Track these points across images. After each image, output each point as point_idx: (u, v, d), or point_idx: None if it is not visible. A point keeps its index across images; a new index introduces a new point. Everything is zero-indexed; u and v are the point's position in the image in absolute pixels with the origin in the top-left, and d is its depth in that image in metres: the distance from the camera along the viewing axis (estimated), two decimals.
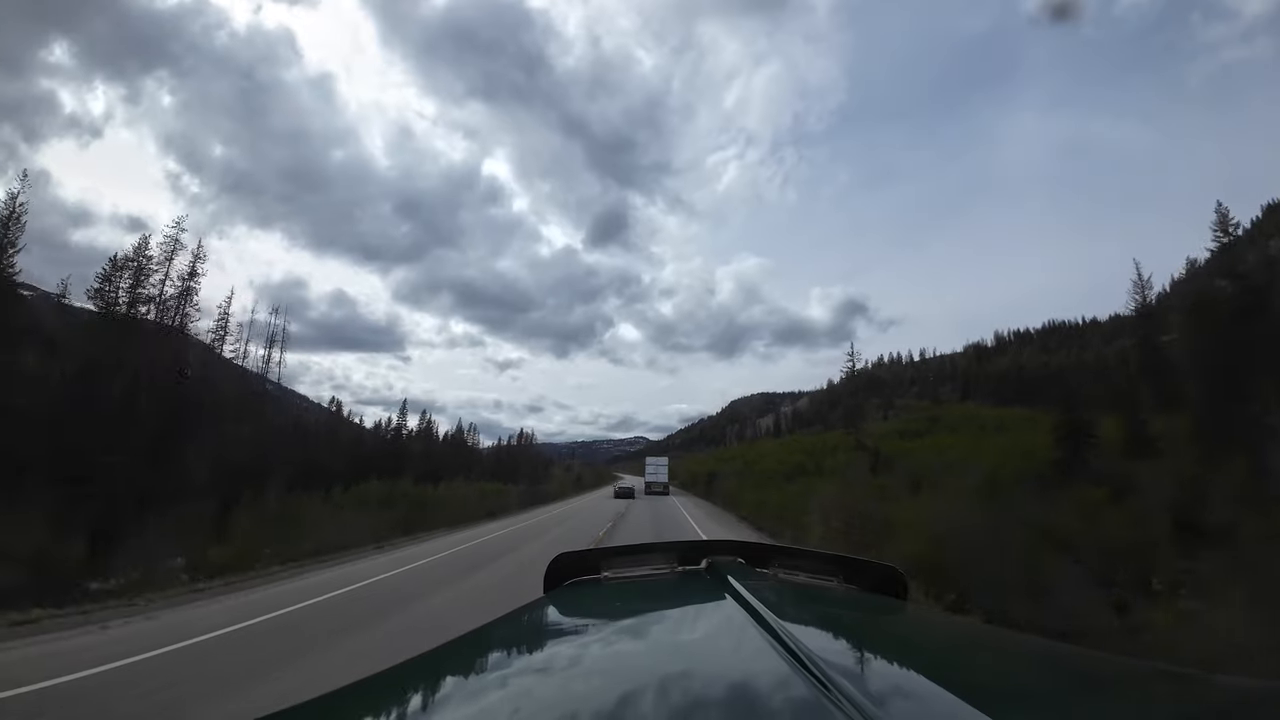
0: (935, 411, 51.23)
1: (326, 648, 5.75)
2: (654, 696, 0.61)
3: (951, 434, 39.29)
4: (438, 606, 7.69)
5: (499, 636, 1.01)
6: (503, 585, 9.09)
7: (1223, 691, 0.76)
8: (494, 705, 0.64)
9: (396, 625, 6.64)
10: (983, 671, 0.80)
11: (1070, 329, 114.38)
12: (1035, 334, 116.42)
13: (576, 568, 1.30)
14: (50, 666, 4.90)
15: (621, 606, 1.12)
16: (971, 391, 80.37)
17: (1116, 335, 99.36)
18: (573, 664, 0.78)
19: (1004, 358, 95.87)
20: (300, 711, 0.65)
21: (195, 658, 5.45)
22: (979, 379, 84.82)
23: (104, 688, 4.57)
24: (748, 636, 0.73)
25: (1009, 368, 77.02)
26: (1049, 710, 0.65)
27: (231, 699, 4.37)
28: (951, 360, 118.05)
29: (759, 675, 0.64)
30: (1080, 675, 0.79)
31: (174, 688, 4.54)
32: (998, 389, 65.81)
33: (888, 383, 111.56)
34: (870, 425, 41.97)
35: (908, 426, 43.00)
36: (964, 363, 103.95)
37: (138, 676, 4.80)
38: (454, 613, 7.18)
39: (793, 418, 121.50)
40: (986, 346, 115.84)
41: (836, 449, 36.23)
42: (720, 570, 1.16)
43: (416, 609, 7.54)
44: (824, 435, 47.56)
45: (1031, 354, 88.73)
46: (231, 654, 5.56)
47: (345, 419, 40.31)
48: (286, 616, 7.07)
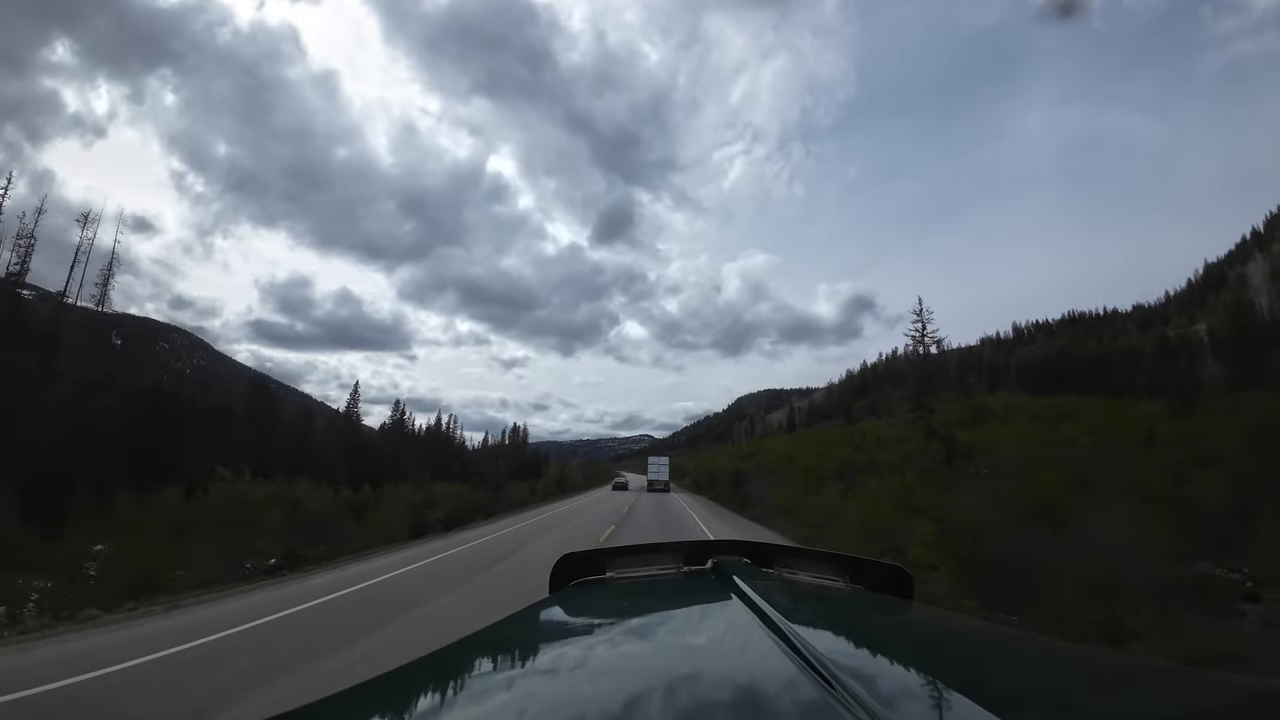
0: (977, 402, 48.43)
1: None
2: (661, 698, 0.60)
3: (1003, 424, 36.81)
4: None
5: (505, 637, 1.00)
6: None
7: (1227, 690, 0.76)
8: (500, 706, 0.64)
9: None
10: (990, 671, 0.79)
11: (1092, 319, 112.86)
12: (1055, 325, 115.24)
13: (582, 568, 1.30)
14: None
15: (627, 607, 1.11)
16: (1000, 382, 78.15)
17: (1147, 324, 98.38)
18: (579, 665, 0.78)
19: (1032, 346, 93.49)
20: (308, 712, 0.65)
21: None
22: (1004, 370, 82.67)
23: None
24: (754, 637, 0.74)
25: (1042, 356, 74.48)
26: (1056, 709, 0.65)
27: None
28: (971, 352, 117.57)
29: (765, 676, 0.64)
30: (1086, 674, 0.78)
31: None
32: (1033, 378, 63.32)
33: (908, 375, 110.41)
34: (948, 411, 38.60)
35: (951, 417, 40.15)
36: (989, 353, 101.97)
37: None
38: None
39: (808, 411, 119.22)
40: (1007, 339, 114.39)
41: (886, 441, 33.47)
42: (726, 570, 1.15)
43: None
44: (859, 427, 44.78)
45: (1058, 343, 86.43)
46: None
47: (274, 398, 35.54)
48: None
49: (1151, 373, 50.62)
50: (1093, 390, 49.41)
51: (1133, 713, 0.67)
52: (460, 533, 17.04)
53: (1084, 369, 53.28)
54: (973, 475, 16.91)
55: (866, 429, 39.92)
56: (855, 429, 43.62)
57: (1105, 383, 50.95)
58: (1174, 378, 47.43)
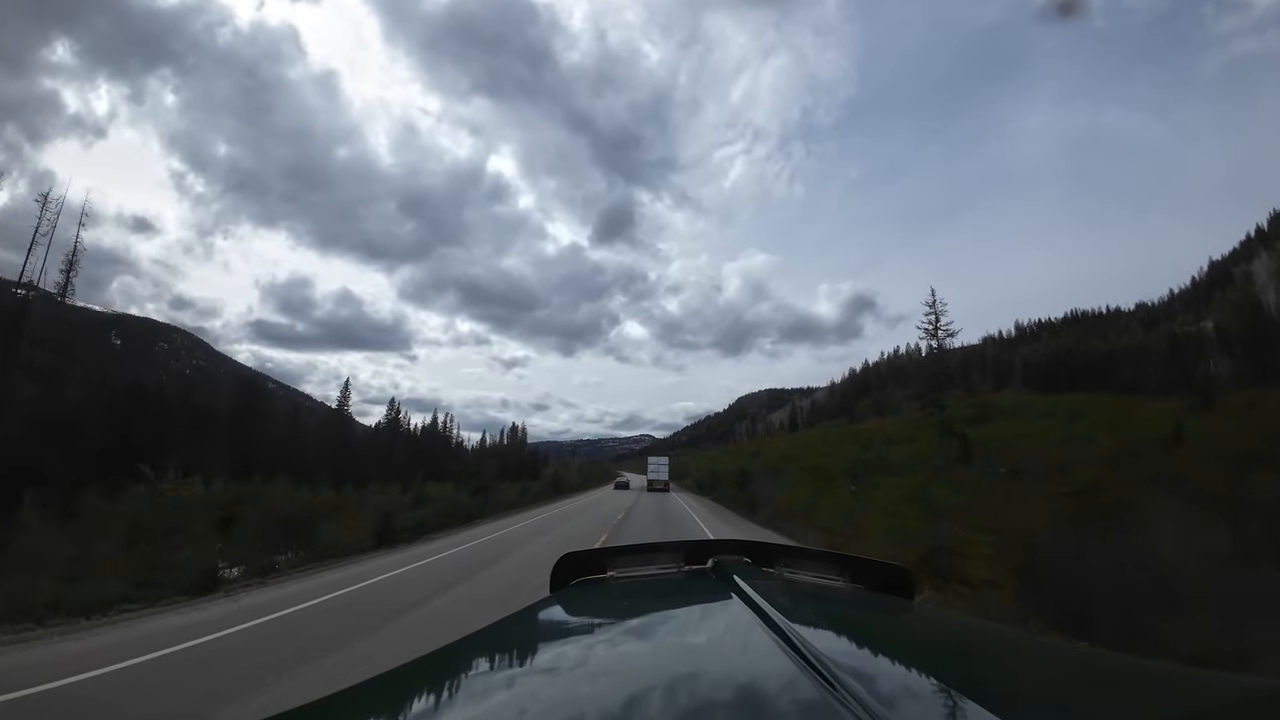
0: (983, 400, 47.50)
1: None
2: (660, 697, 0.61)
3: (1010, 420, 35.84)
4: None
5: (506, 636, 1.00)
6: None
7: (1227, 690, 0.77)
8: (500, 705, 0.64)
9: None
10: (991, 671, 0.79)
11: (1095, 318, 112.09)
12: (1058, 323, 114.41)
13: (582, 567, 1.29)
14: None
15: (627, 606, 1.10)
16: (1004, 380, 77.32)
17: (1152, 322, 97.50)
18: (580, 664, 0.78)
19: (1036, 345, 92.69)
20: (307, 711, 0.66)
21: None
22: (1008, 368, 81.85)
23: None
24: (754, 636, 0.74)
25: (1048, 354, 73.65)
26: (1056, 709, 0.65)
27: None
28: (974, 351, 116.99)
29: (766, 676, 0.64)
30: (1088, 674, 0.78)
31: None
32: (1040, 376, 62.55)
33: (914, 373, 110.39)
34: (954, 409, 37.55)
35: (959, 414, 39.17)
36: (992, 352, 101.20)
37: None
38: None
39: (810, 411, 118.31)
40: (1009, 337, 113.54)
41: (894, 440, 32.46)
42: (726, 570, 1.14)
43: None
44: (865, 426, 43.82)
45: (1064, 341, 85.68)
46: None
47: (261, 396, 34.50)
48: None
49: (1162, 369, 49.76)
50: (1101, 388, 48.56)
51: (1134, 712, 0.67)
52: (425, 544, 14.42)
53: (1092, 367, 52.35)
54: (990, 474, 16.02)
55: (873, 427, 38.93)
56: (861, 427, 42.62)
57: (1114, 380, 50.00)
58: (1185, 374, 46.64)
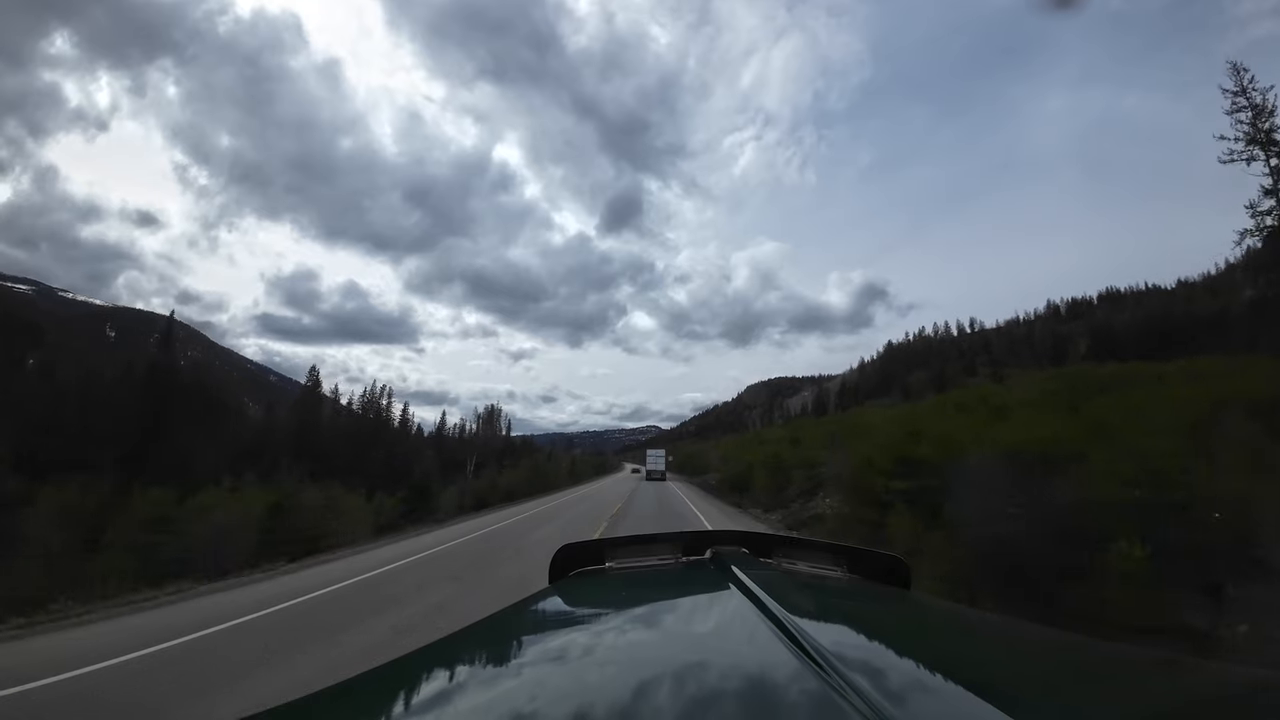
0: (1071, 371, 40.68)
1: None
2: (658, 686, 0.61)
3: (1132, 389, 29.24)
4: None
5: (504, 627, 1.00)
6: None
7: (1230, 681, 0.77)
8: (499, 696, 0.65)
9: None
10: (987, 660, 0.80)
11: (1138, 294, 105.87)
12: (1094, 301, 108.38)
13: (581, 558, 1.29)
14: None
15: (626, 596, 1.10)
16: (1061, 355, 70.46)
17: (1192, 297, 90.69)
18: (580, 654, 0.79)
19: (1108, 313, 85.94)
20: (313, 700, 0.67)
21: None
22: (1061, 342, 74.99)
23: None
24: (752, 626, 0.74)
25: (1129, 321, 66.66)
26: (1053, 698, 0.66)
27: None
28: (1001, 332, 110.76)
29: (763, 665, 0.64)
30: (1084, 662, 0.78)
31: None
32: (1129, 343, 55.82)
33: (939, 355, 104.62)
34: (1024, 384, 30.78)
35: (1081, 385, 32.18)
36: (1038, 329, 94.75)
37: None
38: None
39: (839, 392, 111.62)
40: (1050, 314, 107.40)
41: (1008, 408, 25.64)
42: (724, 560, 1.14)
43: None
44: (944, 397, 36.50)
45: (1136, 311, 78.76)
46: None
47: (221, 389, 32.56)
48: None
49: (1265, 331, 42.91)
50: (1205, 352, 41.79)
51: (1134, 701, 0.67)
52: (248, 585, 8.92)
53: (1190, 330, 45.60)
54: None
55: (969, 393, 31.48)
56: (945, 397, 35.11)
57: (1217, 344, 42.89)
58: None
